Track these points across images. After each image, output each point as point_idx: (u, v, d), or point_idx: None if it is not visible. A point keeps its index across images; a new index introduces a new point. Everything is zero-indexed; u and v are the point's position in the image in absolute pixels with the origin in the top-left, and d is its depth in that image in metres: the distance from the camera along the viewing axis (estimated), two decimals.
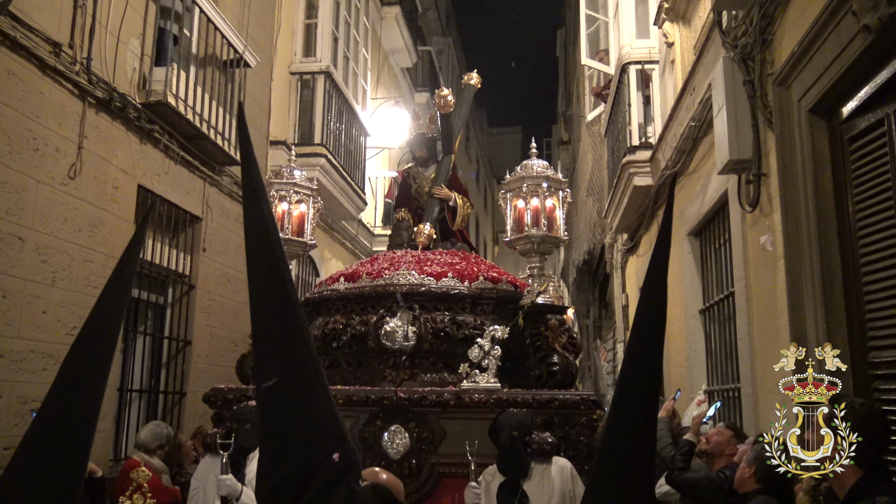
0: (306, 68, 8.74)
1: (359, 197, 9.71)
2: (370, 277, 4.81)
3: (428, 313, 4.55)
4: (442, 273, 4.73)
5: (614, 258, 10.33)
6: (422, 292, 4.61)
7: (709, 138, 5.13)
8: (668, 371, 7.12)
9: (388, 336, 4.45)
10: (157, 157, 5.85)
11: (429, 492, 4.13)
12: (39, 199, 4.58)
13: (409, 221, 5.78)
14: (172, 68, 5.73)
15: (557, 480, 3.60)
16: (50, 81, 4.66)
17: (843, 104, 3.34)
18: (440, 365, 4.57)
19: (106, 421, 5.20)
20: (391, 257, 5.13)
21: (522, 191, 4.74)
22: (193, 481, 4.18)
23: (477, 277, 4.77)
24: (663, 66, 7.09)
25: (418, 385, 4.40)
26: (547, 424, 4.03)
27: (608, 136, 8.96)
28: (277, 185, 4.91)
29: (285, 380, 1.37)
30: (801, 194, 3.54)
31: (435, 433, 4.18)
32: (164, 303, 6.34)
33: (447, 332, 4.47)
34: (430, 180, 5.79)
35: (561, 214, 4.74)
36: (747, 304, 4.48)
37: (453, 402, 4.14)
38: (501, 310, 4.69)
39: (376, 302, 4.66)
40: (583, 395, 4.25)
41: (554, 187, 4.75)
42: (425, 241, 5.42)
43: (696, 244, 6.09)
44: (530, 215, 4.64)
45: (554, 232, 4.71)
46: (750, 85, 4.12)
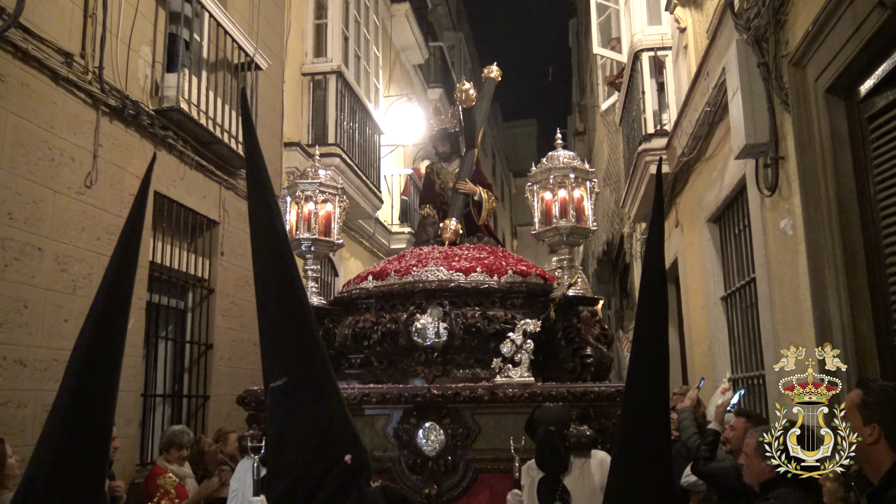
0: (318, 69, 8.76)
1: (375, 195, 9.71)
2: (398, 275, 4.80)
3: (458, 309, 4.52)
4: (470, 268, 4.71)
5: (633, 247, 10.26)
6: (451, 288, 4.58)
7: (725, 123, 5.06)
8: (692, 360, 7.05)
9: (419, 333, 4.42)
10: (173, 163, 5.88)
11: (466, 488, 4.09)
12: (57, 208, 4.62)
13: (434, 217, 5.75)
14: (184, 74, 5.76)
15: (598, 474, 3.52)
16: (63, 92, 4.70)
17: (860, 82, 3.27)
18: (472, 360, 4.54)
19: (131, 426, 5.24)
20: (418, 254, 5.10)
21: (549, 182, 4.66)
22: (232, 483, 4.21)
23: (506, 271, 4.73)
24: (676, 51, 7.00)
25: (451, 381, 4.36)
26: (583, 417, 3.97)
27: (623, 125, 8.88)
28: (303, 185, 4.89)
29: (294, 379, 1.33)
30: (820, 176, 3.48)
31: (470, 429, 4.14)
32: (185, 307, 6.38)
33: (478, 328, 4.43)
34: (454, 175, 5.74)
35: (589, 205, 4.67)
36: (769, 289, 4.42)
37: (487, 398, 4.09)
38: (531, 303, 4.64)
39: (406, 299, 4.64)
40: (618, 387, 4.16)
41: (581, 177, 4.67)
42: (452, 236, 5.38)
43: (715, 231, 6.01)
44: (558, 207, 4.56)
45: (582, 223, 4.63)
46: (764, 67, 4.05)
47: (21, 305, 4.31)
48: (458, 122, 5.87)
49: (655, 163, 6.99)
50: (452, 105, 6.03)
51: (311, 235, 4.82)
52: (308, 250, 4.86)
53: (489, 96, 6.33)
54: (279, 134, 8.01)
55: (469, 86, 5.61)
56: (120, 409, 5.00)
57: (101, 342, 1.49)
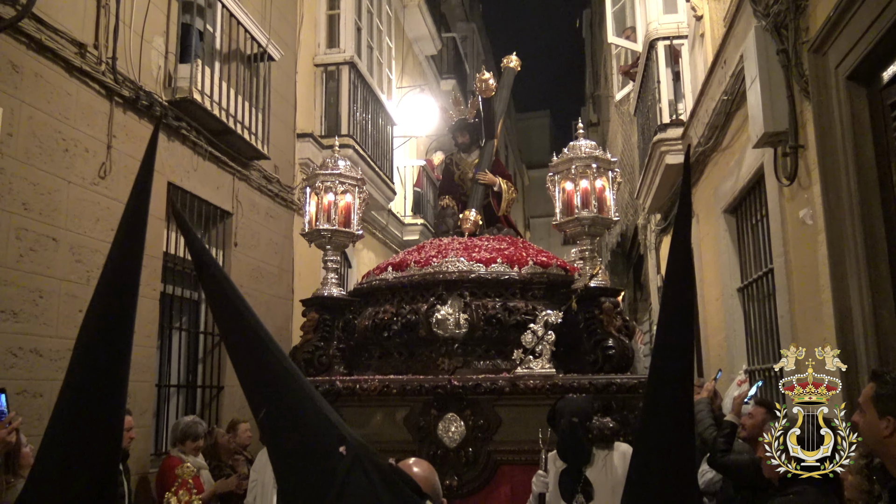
0: (330, 59, 8.73)
1: (388, 187, 9.70)
2: (418, 266, 4.78)
3: (478, 300, 4.49)
4: (491, 259, 4.67)
5: (648, 239, 10.19)
6: (471, 279, 4.55)
7: (742, 112, 4.99)
8: (708, 352, 7.00)
9: (439, 324, 4.40)
10: (186, 154, 5.88)
11: (487, 480, 4.08)
12: (71, 199, 4.62)
13: (453, 208, 5.70)
14: (197, 65, 5.75)
15: (620, 466, 3.49)
16: (77, 82, 4.70)
17: (883, 69, 3.21)
18: (493, 352, 4.52)
19: (146, 416, 5.26)
20: (438, 245, 5.07)
21: (571, 172, 4.60)
22: (252, 473, 4.21)
23: (526, 262, 4.70)
24: (692, 40, 6.92)
25: (472, 373, 4.34)
26: (605, 409, 3.93)
27: (638, 115, 8.80)
28: (323, 177, 4.87)
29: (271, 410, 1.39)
30: (841, 165, 3.42)
31: (490, 421, 4.12)
32: (199, 298, 6.39)
33: (499, 319, 4.40)
34: (474, 166, 5.71)
35: (611, 195, 4.61)
36: (787, 280, 4.36)
37: (508, 389, 4.08)
38: (552, 294, 4.60)
39: (426, 290, 4.61)
40: (641, 379, 4.13)
41: (603, 167, 4.61)
42: (472, 227, 5.35)
43: (731, 221, 5.95)
44: (580, 197, 4.51)
45: (605, 213, 4.57)
46: (784, 54, 3.98)
47: (36, 296, 4.33)
48: (478, 112, 5.81)
49: (671, 153, 6.94)
50: (472, 95, 5.98)
51: (331, 226, 4.79)
52: (328, 241, 4.84)
53: (509, 86, 6.29)
54: (292, 125, 7.99)
55: (489, 75, 5.55)
56: (134, 399, 5.03)
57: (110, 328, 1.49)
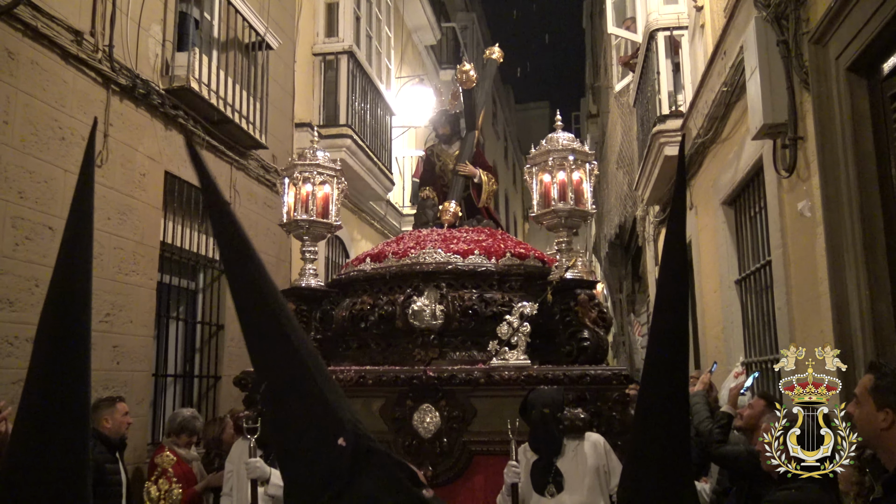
0: (329, 49, 8.68)
1: (386, 177, 9.67)
2: (396, 257, 4.79)
3: (455, 291, 4.50)
4: (468, 250, 4.69)
5: (646, 231, 10.17)
6: (448, 270, 4.57)
7: (741, 103, 4.97)
8: (705, 343, 7.00)
9: (415, 315, 4.41)
10: (183, 143, 5.85)
11: (461, 470, 4.11)
12: (67, 188, 4.60)
13: (433, 200, 5.72)
14: (194, 53, 5.72)
15: (591, 456, 3.55)
16: (73, 70, 4.67)
17: (883, 60, 3.19)
18: (469, 343, 4.53)
19: (142, 406, 5.26)
20: (417, 236, 5.09)
21: (548, 164, 4.63)
22: (227, 464, 4.21)
23: (504, 254, 4.71)
24: (692, 31, 6.89)
25: (447, 364, 4.36)
26: (579, 400, 3.97)
27: (637, 106, 8.77)
28: (301, 167, 4.88)
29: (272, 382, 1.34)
30: (840, 156, 3.41)
31: (466, 411, 4.16)
32: (196, 288, 6.38)
33: (475, 310, 4.42)
34: (455, 157, 5.71)
35: (588, 187, 4.64)
36: (785, 272, 4.35)
37: (483, 380, 4.11)
38: (529, 286, 4.62)
39: (403, 281, 4.63)
40: (614, 370, 4.18)
41: (580, 160, 4.64)
42: (451, 218, 5.36)
43: (730, 213, 5.93)
44: (557, 189, 4.54)
45: (581, 205, 4.59)
46: (784, 45, 3.96)
47: (32, 284, 4.31)
48: (459, 103, 5.81)
49: (670, 144, 6.92)
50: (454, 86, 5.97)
51: (309, 217, 4.80)
52: (306, 231, 4.85)
53: (491, 77, 6.28)
54: (290, 114, 7.96)
55: (469, 67, 5.58)
56: (131, 389, 5.03)
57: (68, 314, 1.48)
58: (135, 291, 5.20)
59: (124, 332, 5.07)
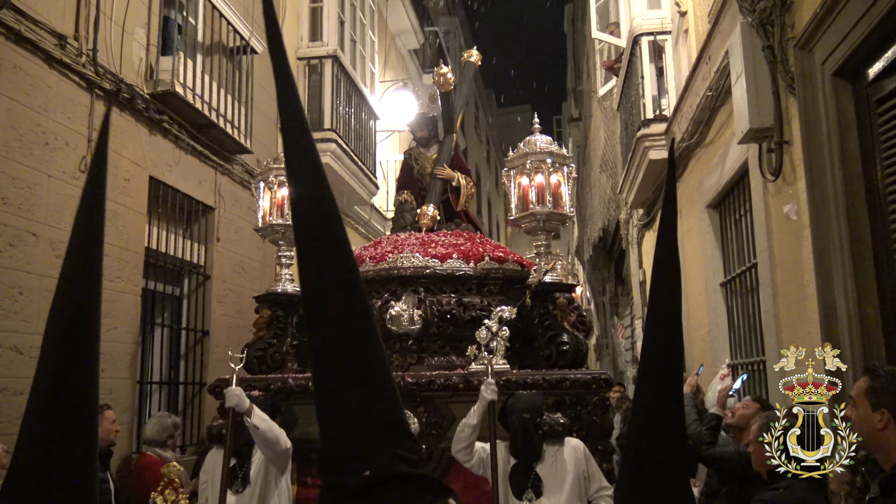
0: (313, 53, 8.65)
1: (370, 181, 9.65)
2: (373, 261, 4.75)
3: (433, 296, 4.48)
4: (447, 254, 4.66)
5: (630, 234, 10.23)
6: (426, 275, 4.53)
7: (726, 108, 5.02)
8: (691, 346, 7.04)
9: (393, 320, 4.38)
10: (168, 148, 5.81)
11: (440, 476, 4.07)
12: (51, 193, 4.55)
13: (412, 203, 5.67)
14: (179, 57, 5.67)
15: (571, 461, 3.54)
16: (57, 74, 4.62)
17: (869, 65, 3.23)
18: (447, 348, 4.51)
19: (127, 414, 5.20)
20: (395, 240, 5.05)
21: (526, 167, 4.64)
22: (202, 475, 4.09)
23: (482, 258, 4.69)
24: (676, 36, 6.95)
25: (426, 369, 4.34)
26: (558, 405, 3.97)
27: (621, 111, 8.83)
28: (277, 171, 4.85)
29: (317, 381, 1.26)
30: (826, 160, 3.45)
31: (444, 417, 4.13)
32: (181, 294, 6.32)
33: (453, 315, 4.40)
34: (433, 161, 5.67)
35: (566, 190, 4.64)
36: (771, 275, 4.40)
37: (462, 386, 4.08)
38: (508, 290, 4.61)
39: (380, 286, 4.59)
40: (594, 374, 4.19)
41: (558, 162, 4.65)
42: (429, 222, 5.33)
43: (715, 217, 5.99)
44: (535, 192, 4.54)
45: (560, 208, 4.60)
46: (770, 50, 4.00)
47: (16, 292, 4.25)
48: (437, 106, 5.79)
49: (654, 148, 6.97)
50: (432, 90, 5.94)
51: (285, 221, 4.77)
52: (282, 236, 4.83)
53: (469, 80, 6.26)
54: (275, 119, 7.92)
55: (447, 70, 5.55)
56: (115, 396, 4.97)
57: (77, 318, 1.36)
58: (120, 298, 5.14)
59: (109, 339, 5.00)
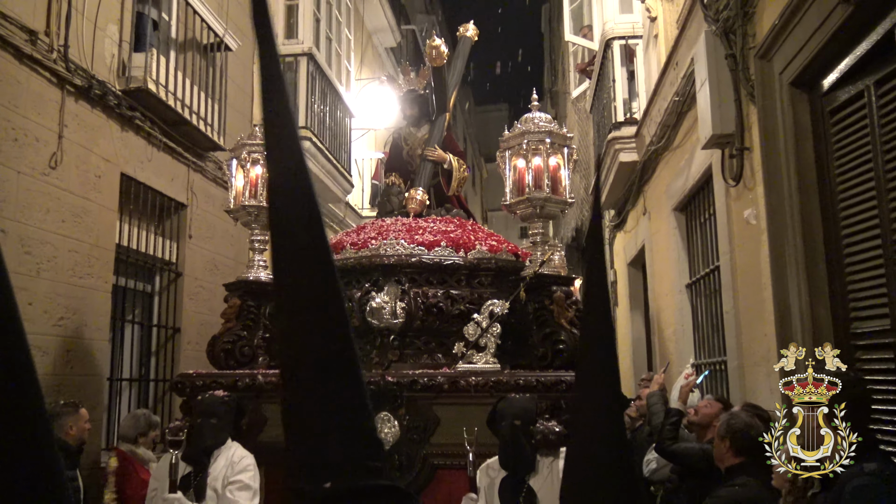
0: (288, 50, 8.64)
1: (345, 179, 9.67)
2: (354, 248, 4.40)
3: (418, 287, 4.13)
4: (434, 242, 4.29)
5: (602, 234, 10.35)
6: (412, 264, 4.16)
7: (693, 112, 5.13)
8: (658, 345, 7.18)
9: (373, 313, 4.04)
10: (140, 145, 5.80)
11: (422, 485, 3.75)
12: (21, 190, 4.53)
13: (399, 187, 5.26)
14: (152, 54, 5.66)
15: None
16: (27, 70, 4.60)
17: (823, 76, 3.34)
18: (433, 345, 4.19)
19: (97, 411, 5.19)
20: (379, 226, 4.68)
21: (523, 148, 4.22)
22: (152, 481, 3.81)
23: (473, 246, 4.34)
24: (647, 40, 7.07)
25: (408, 367, 4.04)
26: (553, 410, 3.62)
27: (594, 113, 8.95)
28: (250, 147, 4.57)
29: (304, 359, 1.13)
30: (783, 167, 3.56)
31: (427, 421, 3.82)
32: (152, 291, 6.31)
33: (440, 308, 4.07)
34: (423, 141, 5.25)
35: (566, 174, 4.24)
36: (732, 277, 4.51)
37: (447, 386, 3.77)
38: (501, 282, 4.28)
39: (361, 275, 4.24)
40: None
41: (558, 143, 4.24)
42: (418, 207, 4.95)
43: (681, 219, 6.11)
44: (532, 175, 4.13)
45: (559, 193, 4.19)
46: (732, 59, 4.11)
47: None
48: (428, 82, 5.31)
49: (625, 150, 7.09)
50: (422, 65, 5.45)
51: (258, 203, 4.52)
52: (255, 219, 4.56)
53: (464, 56, 5.79)
54: (249, 116, 7.92)
55: (440, 42, 5.02)
56: (85, 393, 4.96)
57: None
58: (90, 295, 5.14)
59: (79, 336, 5.00)
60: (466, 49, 5.81)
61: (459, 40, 5.85)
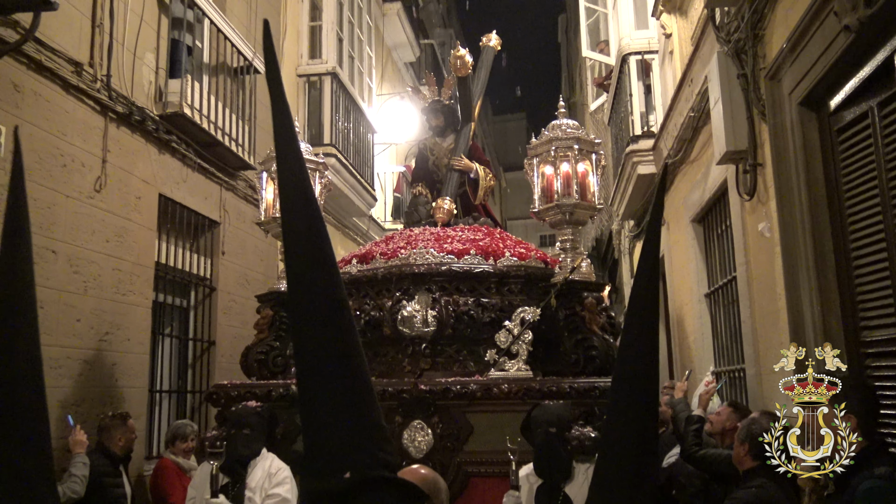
0: (313, 70, 8.92)
1: (369, 193, 9.91)
2: (384, 258, 4.45)
3: (449, 295, 4.12)
4: (464, 250, 4.31)
5: (622, 244, 10.50)
6: (442, 272, 4.18)
7: (708, 128, 5.28)
8: (678, 354, 7.30)
9: (405, 322, 4.05)
10: (176, 166, 6.07)
11: (456, 494, 3.68)
12: (69, 212, 4.80)
13: (426, 196, 5.36)
14: (187, 80, 5.94)
15: None
16: (73, 100, 4.88)
17: (830, 97, 3.50)
18: (464, 352, 4.18)
19: (139, 421, 5.43)
20: (408, 235, 4.75)
21: (551, 155, 4.25)
22: (190, 489, 3.90)
23: (503, 254, 4.35)
24: (662, 56, 7.23)
25: (440, 375, 4.04)
26: (587, 416, 3.60)
27: (611, 125, 9.11)
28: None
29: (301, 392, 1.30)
30: (794, 183, 3.71)
31: (461, 429, 3.79)
32: (188, 306, 6.57)
33: (471, 316, 4.06)
34: (449, 151, 5.34)
35: (595, 180, 4.26)
36: (748, 288, 4.66)
37: (480, 394, 3.75)
38: (531, 289, 4.27)
39: (392, 284, 4.25)
40: None
41: (586, 150, 4.27)
42: (445, 216, 5.01)
43: (699, 230, 6.25)
44: (560, 182, 4.15)
45: (588, 199, 4.22)
46: (744, 78, 4.27)
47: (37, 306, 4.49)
48: (453, 93, 5.41)
49: (643, 163, 7.24)
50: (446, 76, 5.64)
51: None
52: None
53: (488, 66, 5.88)
54: None
55: (464, 52, 5.12)
56: (129, 404, 5.21)
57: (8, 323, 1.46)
58: (132, 311, 5.39)
59: (122, 350, 5.25)
60: (490, 59, 5.91)
61: (482, 50, 5.94)
